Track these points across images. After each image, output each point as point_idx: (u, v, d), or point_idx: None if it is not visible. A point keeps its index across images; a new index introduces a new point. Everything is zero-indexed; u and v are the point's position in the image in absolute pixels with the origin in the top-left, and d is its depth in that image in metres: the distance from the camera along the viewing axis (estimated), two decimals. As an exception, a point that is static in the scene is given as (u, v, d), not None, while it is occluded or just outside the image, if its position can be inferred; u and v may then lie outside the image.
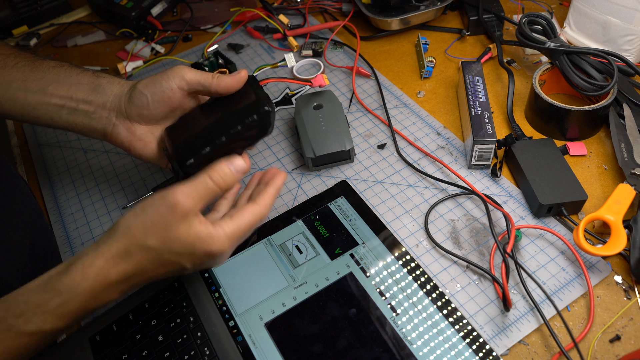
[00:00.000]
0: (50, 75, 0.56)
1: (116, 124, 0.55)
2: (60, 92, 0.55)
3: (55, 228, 0.66)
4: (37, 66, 0.57)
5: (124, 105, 0.55)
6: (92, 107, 0.55)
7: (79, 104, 0.55)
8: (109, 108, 0.55)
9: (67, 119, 0.56)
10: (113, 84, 0.56)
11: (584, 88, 0.64)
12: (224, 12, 0.94)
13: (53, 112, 0.56)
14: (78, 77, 0.56)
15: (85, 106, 0.55)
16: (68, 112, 0.56)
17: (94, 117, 0.55)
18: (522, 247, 0.57)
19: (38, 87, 0.55)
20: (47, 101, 0.55)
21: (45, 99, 0.55)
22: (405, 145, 0.69)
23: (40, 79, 0.56)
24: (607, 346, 0.50)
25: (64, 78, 0.56)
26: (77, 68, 0.58)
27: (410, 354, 0.49)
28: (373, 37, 0.86)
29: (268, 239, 0.59)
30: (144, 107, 0.54)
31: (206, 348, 0.51)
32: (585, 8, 0.75)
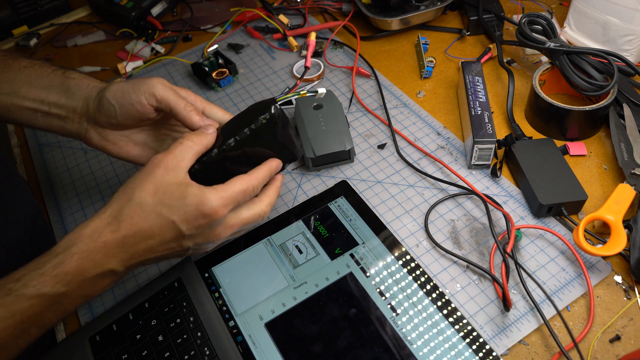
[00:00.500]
0: (21, 76, 0.55)
1: (88, 128, 0.55)
2: (33, 95, 0.54)
3: (55, 228, 0.66)
4: (9, 66, 0.56)
5: (92, 112, 0.54)
6: (63, 111, 0.55)
7: (51, 108, 0.55)
8: (80, 113, 0.54)
9: (43, 122, 0.56)
10: (81, 87, 0.54)
11: (584, 88, 0.64)
12: (224, 12, 0.94)
13: (28, 115, 0.55)
14: (49, 79, 0.55)
15: (57, 110, 0.55)
16: (42, 116, 0.55)
17: (67, 121, 0.55)
18: (522, 247, 0.57)
19: (10, 90, 0.55)
20: (21, 104, 0.55)
21: (18, 102, 0.55)
22: (405, 145, 0.69)
23: (12, 80, 0.55)
24: (607, 346, 0.50)
25: (35, 79, 0.55)
26: (48, 67, 0.56)
27: (410, 354, 0.49)
28: (373, 37, 0.86)
29: (268, 239, 0.59)
30: (111, 116, 0.53)
31: (206, 348, 0.51)
32: (585, 8, 0.75)
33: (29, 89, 0.55)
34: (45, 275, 0.42)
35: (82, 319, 0.57)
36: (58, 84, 0.55)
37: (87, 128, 0.55)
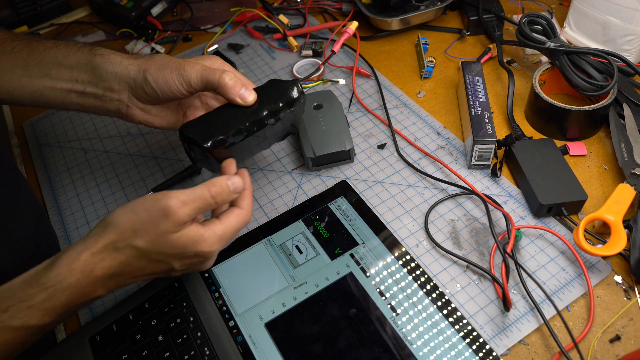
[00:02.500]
0: (49, 57, 0.55)
1: (129, 106, 0.55)
2: (64, 75, 0.54)
3: (55, 228, 0.66)
4: (34, 48, 0.55)
5: (134, 93, 0.53)
6: (99, 89, 0.54)
7: (86, 87, 0.54)
8: (118, 91, 0.54)
9: (78, 102, 0.55)
10: (114, 65, 0.53)
11: (584, 88, 0.64)
12: (224, 12, 0.94)
13: (62, 96, 0.55)
14: (77, 57, 0.54)
15: (92, 89, 0.54)
16: (77, 96, 0.55)
17: (105, 99, 0.54)
18: (522, 247, 0.57)
19: (41, 72, 0.54)
20: (54, 86, 0.54)
21: (51, 83, 0.54)
22: (405, 145, 0.69)
23: (40, 62, 0.54)
24: (607, 346, 0.50)
25: (64, 59, 0.54)
26: (74, 45, 0.56)
27: (410, 354, 0.49)
28: (373, 37, 0.86)
29: (268, 239, 0.59)
30: (155, 98, 0.53)
31: (206, 348, 0.51)
32: (585, 8, 0.75)
33: (60, 69, 0.54)
34: (34, 308, 0.42)
35: (82, 319, 0.57)
36: (86, 61, 0.54)
37: (128, 105, 0.55)
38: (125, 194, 0.69)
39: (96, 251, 0.43)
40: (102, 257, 0.43)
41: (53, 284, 0.42)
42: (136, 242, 0.43)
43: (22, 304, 0.42)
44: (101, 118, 0.79)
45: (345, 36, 0.63)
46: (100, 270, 0.43)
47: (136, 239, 0.43)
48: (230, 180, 0.47)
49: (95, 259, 0.43)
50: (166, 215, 0.43)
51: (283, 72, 0.82)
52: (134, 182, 0.70)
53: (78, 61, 0.54)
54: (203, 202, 0.45)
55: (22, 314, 0.41)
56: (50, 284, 0.42)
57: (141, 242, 0.43)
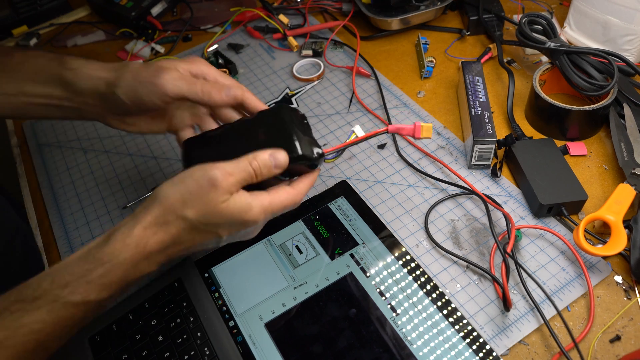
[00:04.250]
0: (20, 74, 0.54)
1: (106, 116, 0.54)
2: (39, 91, 0.54)
3: (55, 228, 0.66)
4: (5, 64, 0.55)
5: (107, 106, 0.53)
6: (75, 103, 0.54)
7: (62, 102, 0.54)
8: (93, 105, 0.54)
9: (59, 114, 0.55)
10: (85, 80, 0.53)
11: (584, 88, 0.64)
12: (224, 12, 0.94)
13: (42, 110, 0.55)
14: (47, 72, 0.54)
15: (69, 103, 0.54)
16: (56, 109, 0.55)
17: (82, 111, 0.54)
18: (522, 247, 0.57)
19: (16, 90, 0.54)
20: (31, 102, 0.54)
21: (27, 99, 0.54)
22: (405, 145, 0.69)
23: (13, 79, 0.54)
24: (607, 346, 0.50)
25: (34, 76, 0.54)
26: (42, 58, 0.55)
27: (410, 354, 0.49)
28: (373, 37, 0.86)
29: (268, 239, 0.59)
30: (127, 110, 0.52)
31: (206, 348, 0.51)
32: (585, 8, 0.75)
33: (33, 85, 0.54)
34: (92, 283, 0.43)
35: (82, 319, 0.57)
36: (58, 77, 0.54)
37: (103, 115, 0.54)
38: (125, 194, 0.69)
39: (147, 225, 0.44)
40: (154, 232, 0.44)
41: (109, 259, 0.43)
42: (186, 213, 0.44)
43: (81, 279, 0.42)
44: (101, 118, 0.79)
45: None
46: (153, 244, 0.44)
47: (186, 210, 0.44)
48: (273, 156, 0.47)
49: (148, 233, 0.44)
50: (215, 186, 0.44)
51: (283, 72, 0.82)
52: (134, 182, 0.70)
53: (49, 77, 0.54)
54: (246, 174, 0.46)
55: (82, 289, 0.42)
56: (107, 260, 0.43)
57: (191, 213, 0.44)
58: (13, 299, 0.42)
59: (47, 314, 0.42)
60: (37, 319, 0.42)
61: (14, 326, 0.41)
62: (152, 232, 0.44)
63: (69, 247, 0.64)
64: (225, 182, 0.44)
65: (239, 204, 0.45)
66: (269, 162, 0.46)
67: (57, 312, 0.42)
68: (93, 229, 0.65)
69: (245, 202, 0.45)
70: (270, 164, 0.46)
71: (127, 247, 0.43)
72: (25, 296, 0.42)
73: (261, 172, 0.46)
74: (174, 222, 0.44)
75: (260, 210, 0.46)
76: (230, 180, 0.44)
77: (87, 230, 0.65)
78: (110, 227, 0.64)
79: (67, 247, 0.64)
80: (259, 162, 0.46)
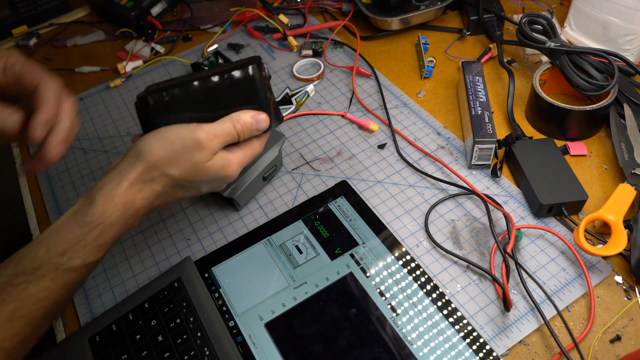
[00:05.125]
0: None
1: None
2: None
3: (55, 228, 0.66)
4: None
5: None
6: None
7: None
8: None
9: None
10: None
11: (585, 88, 0.64)
12: (224, 12, 0.94)
13: None
14: None
15: None
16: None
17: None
18: (523, 247, 0.57)
19: None
20: None
21: None
22: (405, 145, 0.69)
23: None
24: (607, 346, 0.49)
25: None
26: None
27: (410, 354, 0.49)
28: (373, 37, 0.86)
29: (268, 239, 0.59)
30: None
31: (206, 348, 0.51)
32: (585, 8, 0.75)
33: None
34: (89, 247, 0.44)
35: (82, 319, 0.57)
36: None
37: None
38: (125, 194, 0.68)
39: (133, 182, 0.45)
40: (139, 188, 0.46)
41: (101, 220, 0.44)
42: (171, 171, 0.46)
43: (78, 244, 0.44)
44: (101, 118, 0.79)
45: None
46: (139, 201, 0.46)
47: (171, 168, 0.46)
48: (255, 118, 0.50)
49: (134, 190, 0.45)
50: (201, 147, 0.46)
51: (283, 72, 0.82)
52: (133, 182, 0.70)
53: None
54: (230, 137, 0.49)
55: (80, 253, 0.44)
56: (99, 222, 0.44)
57: (176, 171, 0.46)
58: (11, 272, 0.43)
59: (51, 282, 0.43)
60: (43, 287, 0.43)
61: (22, 297, 0.42)
62: (137, 188, 0.46)
63: (68, 247, 0.64)
64: (210, 143, 0.47)
65: (220, 162, 0.48)
66: (251, 124, 0.50)
67: (60, 278, 0.44)
68: (93, 229, 0.65)
69: (225, 159, 0.49)
70: (252, 127, 0.50)
71: (116, 206, 0.45)
72: (24, 267, 0.43)
73: (244, 133, 0.50)
74: (158, 179, 0.46)
75: (238, 164, 0.50)
76: (215, 142, 0.47)
77: (87, 230, 0.65)
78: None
79: (67, 247, 0.64)
80: (243, 124, 0.49)
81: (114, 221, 0.45)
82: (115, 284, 0.59)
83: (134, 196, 0.46)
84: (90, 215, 0.44)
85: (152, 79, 0.84)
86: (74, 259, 0.44)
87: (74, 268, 0.44)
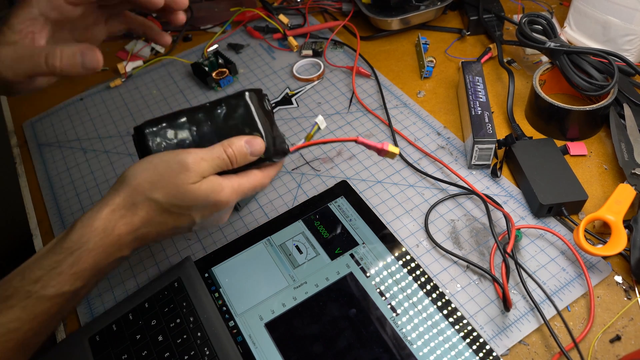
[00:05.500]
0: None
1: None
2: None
3: (55, 228, 0.66)
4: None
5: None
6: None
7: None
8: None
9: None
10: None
11: (584, 88, 0.64)
12: (224, 12, 0.94)
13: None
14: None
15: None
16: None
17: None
18: (522, 247, 0.57)
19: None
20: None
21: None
22: (405, 145, 0.69)
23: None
24: (607, 346, 0.49)
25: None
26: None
27: (410, 354, 0.49)
28: (373, 37, 0.86)
29: (268, 239, 0.59)
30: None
31: (206, 348, 0.51)
32: (585, 8, 0.75)
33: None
34: (64, 274, 0.42)
35: (82, 319, 0.57)
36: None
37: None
38: (125, 194, 0.68)
39: (115, 208, 0.43)
40: (121, 214, 0.43)
41: (78, 246, 0.42)
42: (154, 195, 0.43)
43: (52, 271, 0.41)
44: (101, 118, 0.79)
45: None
46: (122, 227, 0.43)
47: (154, 191, 0.43)
48: (249, 143, 0.46)
49: (115, 216, 0.43)
50: (185, 168, 0.43)
51: (283, 72, 0.82)
52: (133, 182, 0.70)
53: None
54: (220, 160, 0.45)
55: (54, 281, 0.41)
56: (75, 247, 0.42)
57: (160, 194, 0.43)
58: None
59: (22, 311, 0.41)
60: (12, 317, 0.41)
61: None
62: (119, 214, 0.43)
63: (69, 247, 0.64)
64: (196, 166, 0.43)
65: (210, 185, 0.44)
66: (244, 149, 0.46)
67: (31, 308, 0.41)
68: (93, 229, 0.65)
69: (217, 183, 0.45)
70: (246, 151, 0.46)
71: (94, 231, 0.42)
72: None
73: (236, 159, 0.46)
74: (142, 204, 0.43)
75: (232, 191, 0.46)
76: (202, 165, 0.44)
77: (87, 230, 0.65)
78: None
79: (67, 247, 0.64)
80: (235, 149, 0.45)
81: (92, 247, 0.42)
82: (115, 284, 0.59)
83: (116, 222, 0.43)
84: (68, 242, 0.42)
85: (152, 79, 0.85)
86: (47, 287, 0.41)
87: (47, 297, 0.41)
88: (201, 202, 0.44)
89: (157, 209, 0.44)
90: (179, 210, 0.44)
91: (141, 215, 0.43)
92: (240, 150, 0.45)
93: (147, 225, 0.44)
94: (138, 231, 0.44)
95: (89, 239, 0.42)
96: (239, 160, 0.46)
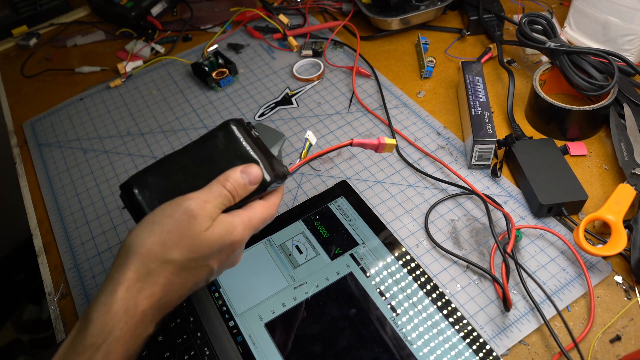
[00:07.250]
0: None
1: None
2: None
3: (55, 228, 0.66)
4: None
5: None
6: None
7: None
8: None
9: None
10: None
11: (585, 88, 0.64)
12: (224, 12, 0.94)
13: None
14: None
15: None
16: None
17: None
18: (522, 247, 0.57)
19: None
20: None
21: None
22: (405, 145, 0.69)
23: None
24: (607, 346, 0.49)
25: None
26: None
27: (410, 354, 0.49)
28: (373, 37, 0.86)
29: (268, 239, 0.59)
30: None
31: (206, 348, 0.51)
32: (585, 8, 0.75)
33: None
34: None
35: (82, 319, 0.57)
36: None
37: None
38: (125, 194, 0.68)
39: (130, 283, 0.38)
40: (139, 288, 0.38)
41: (103, 339, 0.37)
42: (170, 255, 0.39)
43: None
44: (101, 117, 0.79)
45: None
46: (143, 302, 0.39)
47: (169, 252, 0.39)
48: (245, 172, 0.43)
49: (133, 292, 0.38)
50: (193, 217, 0.40)
51: (283, 72, 0.82)
52: (133, 182, 0.70)
53: None
54: (223, 197, 0.42)
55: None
56: (100, 341, 0.37)
57: (176, 253, 0.39)
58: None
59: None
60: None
61: None
62: (137, 289, 0.38)
63: (69, 247, 0.64)
64: (203, 210, 0.40)
65: (222, 227, 0.41)
66: (241, 180, 0.43)
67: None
68: (93, 229, 0.65)
69: (228, 222, 0.42)
70: (243, 182, 0.43)
71: (116, 316, 0.37)
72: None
73: (237, 192, 0.43)
74: (159, 270, 0.39)
75: (243, 227, 0.43)
76: (208, 208, 0.41)
77: (87, 230, 0.65)
78: (110, 227, 0.65)
79: (67, 247, 0.64)
80: (232, 182, 0.43)
81: (119, 335, 0.37)
82: (115, 284, 0.59)
83: (136, 299, 0.38)
84: (89, 337, 0.37)
85: (152, 79, 0.85)
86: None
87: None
88: (217, 247, 0.41)
89: (174, 270, 0.40)
90: (197, 263, 0.41)
91: (161, 282, 0.39)
92: (238, 182, 0.43)
93: (168, 291, 0.40)
94: (160, 301, 0.40)
95: (113, 327, 0.37)
96: (239, 192, 0.43)
